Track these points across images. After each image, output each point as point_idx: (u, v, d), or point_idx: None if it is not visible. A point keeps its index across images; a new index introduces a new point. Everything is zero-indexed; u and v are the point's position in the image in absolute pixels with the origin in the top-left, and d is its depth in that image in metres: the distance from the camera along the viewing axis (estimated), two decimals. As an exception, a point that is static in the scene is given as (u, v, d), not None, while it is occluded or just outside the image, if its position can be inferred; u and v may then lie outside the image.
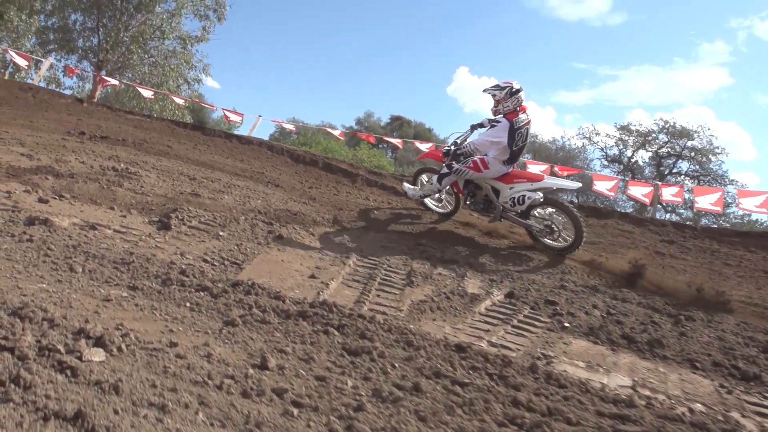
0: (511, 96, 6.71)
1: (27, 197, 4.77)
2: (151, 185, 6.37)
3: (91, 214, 4.83)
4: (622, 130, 32.97)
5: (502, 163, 6.75)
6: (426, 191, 7.31)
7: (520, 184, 6.73)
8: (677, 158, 32.33)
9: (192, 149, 9.23)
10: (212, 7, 21.80)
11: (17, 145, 6.70)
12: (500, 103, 6.77)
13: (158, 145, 8.65)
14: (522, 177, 6.84)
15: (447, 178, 6.96)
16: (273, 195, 7.41)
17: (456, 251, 6.36)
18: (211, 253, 4.47)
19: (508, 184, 6.79)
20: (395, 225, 7.23)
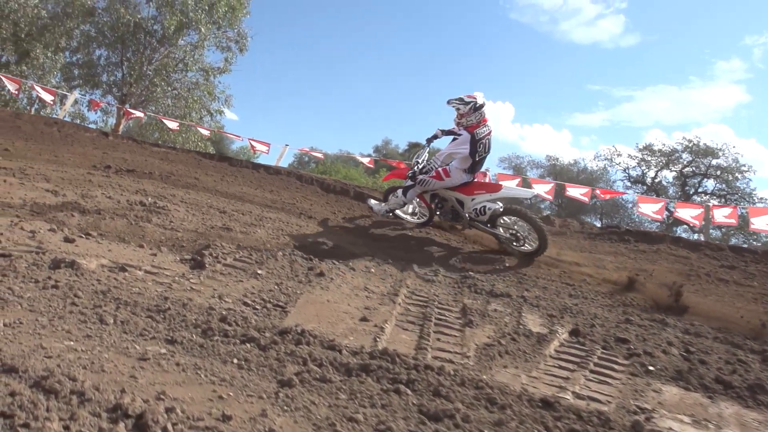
0: (475, 111, 6.87)
1: (52, 237, 4.43)
2: (180, 220, 6.03)
3: (119, 253, 4.47)
4: (644, 150, 32.35)
5: (463, 171, 6.97)
6: (392, 205, 7.42)
7: (480, 196, 7.08)
8: (703, 177, 31.64)
9: (220, 181, 8.92)
10: (234, 39, 21.92)
11: (42, 181, 6.42)
12: (464, 117, 6.93)
13: (185, 178, 8.35)
14: (482, 188, 7.15)
15: (411, 190, 7.13)
16: (306, 227, 7.03)
17: (505, 282, 5.94)
18: (251, 294, 4.06)
19: (470, 196, 7.11)
20: (437, 255, 6.83)
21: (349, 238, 6.95)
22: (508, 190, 7.34)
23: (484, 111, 6.93)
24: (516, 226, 7.06)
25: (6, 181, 5.98)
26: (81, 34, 21.77)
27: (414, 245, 7.11)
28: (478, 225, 7.22)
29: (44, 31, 20.39)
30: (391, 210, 7.48)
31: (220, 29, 21.30)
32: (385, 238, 7.27)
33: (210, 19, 20.35)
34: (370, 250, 6.51)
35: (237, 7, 21.07)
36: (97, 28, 21.32)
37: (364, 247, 6.56)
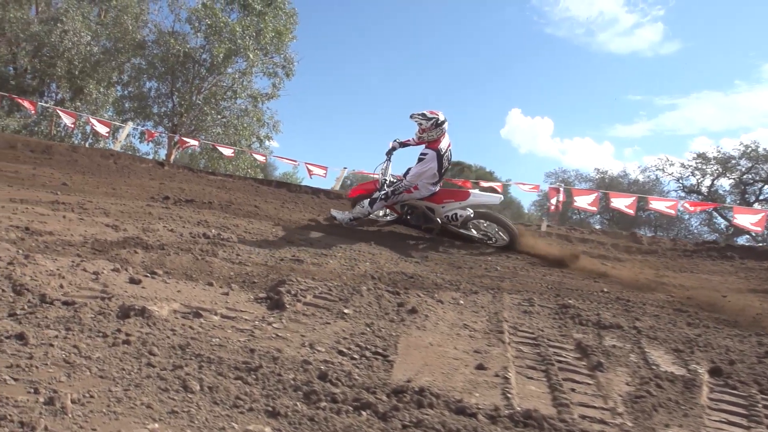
0: (437, 127, 7.23)
1: (116, 278, 3.96)
2: (247, 252, 5.54)
3: (190, 294, 3.96)
4: (699, 158, 30.84)
5: (431, 184, 7.40)
6: (356, 214, 7.63)
7: (449, 204, 7.54)
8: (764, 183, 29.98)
9: (280, 208, 8.49)
10: (281, 64, 21.84)
11: (102, 215, 6.05)
12: (425, 132, 7.28)
13: (246, 206, 7.93)
14: (450, 196, 7.61)
15: (378, 202, 7.43)
16: (380, 255, 6.46)
17: (609, 311, 5.31)
18: (344, 340, 3.48)
19: (440, 204, 7.55)
20: (526, 280, 6.20)
21: (428, 265, 6.37)
22: (476, 197, 7.67)
23: (445, 127, 7.31)
24: (485, 226, 7.67)
25: (66, 216, 5.62)
26: (131, 67, 22.10)
27: (502, 271, 6.47)
28: (451, 228, 7.67)
29: (97, 67, 20.76)
30: (356, 218, 7.67)
31: (267, 55, 21.28)
32: (465, 264, 6.64)
33: (257, 45, 20.34)
34: (453, 278, 5.92)
35: (283, 32, 21.04)
36: (147, 61, 21.61)
37: (445, 275, 5.97)
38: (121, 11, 21.45)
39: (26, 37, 20.78)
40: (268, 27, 20.26)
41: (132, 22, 21.40)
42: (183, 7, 21.58)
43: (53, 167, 8.48)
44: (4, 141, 8.71)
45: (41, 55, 20.71)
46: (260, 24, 20.24)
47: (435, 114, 7.31)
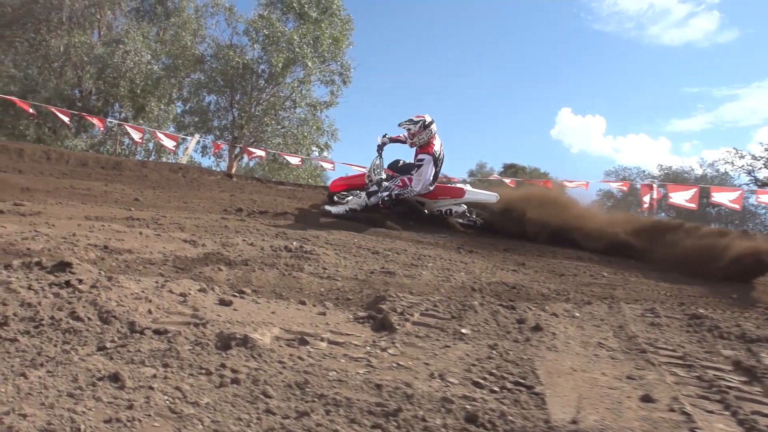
0: (425, 129, 7.39)
1: (205, 299, 3.55)
2: (333, 265, 5.08)
3: (285, 315, 3.52)
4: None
5: (429, 185, 7.57)
6: (353, 205, 7.57)
7: (443, 200, 7.75)
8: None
9: (353, 215, 8.03)
10: (338, 71, 21.60)
11: (177, 230, 5.73)
12: (415, 136, 7.45)
13: (321, 216, 7.51)
14: (445, 194, 7.81)
15: (376, 195, 7.48)
16: (473, 264, 5.90)
17: (748, 320, 4.67)
18: (474, 368, 2.94)
19: (433, 200, 7.77)
20: (638, 287, 5.62)
21: (527, 273, 5.79)
22: (472, 195, 7.81)
23: (433, 128, 7.45)
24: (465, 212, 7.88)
25: (142, 233, 5.31)
26: (191, 83, 22.32)
27: (609, 279, 5.81)
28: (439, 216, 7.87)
29: (157, 85, 21.05)
30: (352, 210, 7.55)
31: (324, 62, 21.06)
32: (567, 271, 6.02)
33: (315, 53, 20.14)
34: (558, 287, 5.33)
35: (340, 38, 20.79)
36: (207, 75, 21.77)
37: (549, 284, 5.39)
38: (179, 28, 21.72)
39: (90, 60, 21.25)
40: (324, 34, 20.06)
41: (190, 38, 21.62)
42: (240, 19, 21.68)
43: (124, 183, 8.31)
44: (75, 159, 8.62)
45: (105, 76, 21.12)
46: (317, 31, 20.06)
47: (421, 117, 7.45)
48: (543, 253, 6.90)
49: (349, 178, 8.48)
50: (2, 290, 3.08)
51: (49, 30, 23.12)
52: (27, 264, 3.47)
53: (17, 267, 3.43)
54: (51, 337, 2.56)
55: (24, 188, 7.19)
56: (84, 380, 2.13)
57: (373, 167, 7.72)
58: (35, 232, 4.70)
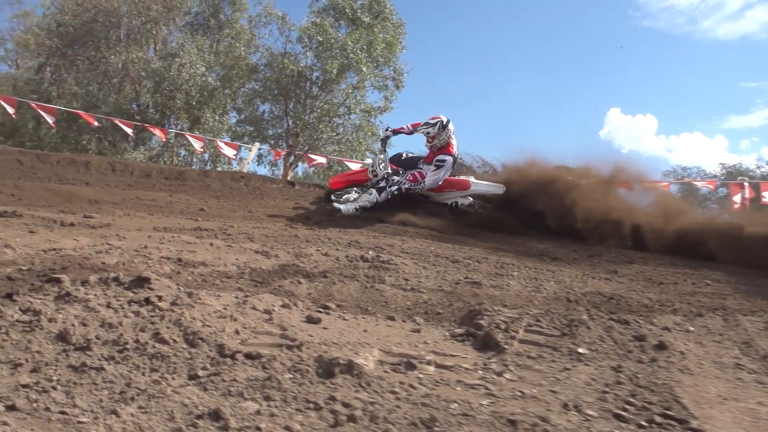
0: (443, 129, 7.35)
1: (290, 316, 3.26)
2: (415, 276, 4.74)
3: (379, 334, 3.18)
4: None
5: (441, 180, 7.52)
6: (363, 202, 7.41)
7: (449, 192, 7.71)
8: None
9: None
10: (391, 76, 21.37)
11: (247, 241, 5.50)
12: (435, 138, 7.41)
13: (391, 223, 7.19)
14: (452, 186, 7.70)
15: (387, 191, 7.40)
16: (561, 272, 5.46)
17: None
18: (608, 395, 2.55)
19: (439, 193, 7.71)
20: (752, 297, 5.06)
21: (621, 282, 5.34)
22: (478, 187, 7.77)
23: (450, 128, 7.40)
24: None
25: (213, 244, 5.09)
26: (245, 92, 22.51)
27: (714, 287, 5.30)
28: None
29: (212, 96, 21.29)
30: (362, 207, 7.41)
31: (378, 67, 20.86)
32: (665, 279, 5.52)
33: (369, 57, 19.96)
34: (659, 296, 4.86)
35: (393, 42, 20.57)
36: (261, 84, 21.92)
37: (649, 294, 4.92)
38: (233, 39, 21.96)
39: (147, 74, 21.71)
40: (377, 39, 19.86)
41: (244, 48, 21.83)
42: (292, 28, 21.75)
43: (188, 193, 8.20)
44: (139, 170, 8.60)
45: (161, 89, 21.52)
46: (370, 36, 19.88)
47: (437, 118, 7.41)
48: (632, 259, 6.39)
49: (349, 175, 8.34)
50: (81, 309, 2.86)
51: (108, 47, 23.81)
52: (104, 280, 3.26)
53: (94, 283, 3.21)
54: (138, 363, 2.29)
55: (92, 200, 7.14)
56: (182, 418, 1.84)
57: (379, 162, 7.60)
58: (108, 245, 4.53)
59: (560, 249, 6.81)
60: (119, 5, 23.52)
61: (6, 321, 2.57)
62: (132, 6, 23.52)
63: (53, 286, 3.10)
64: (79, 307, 2.88)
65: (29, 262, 3.76)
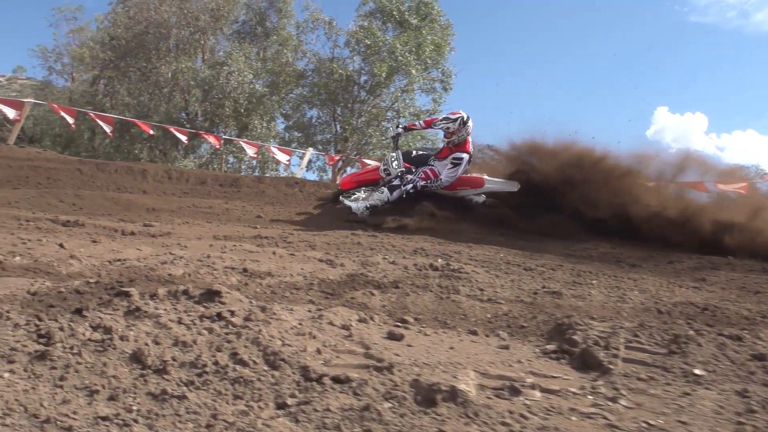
0: (464, 126, 7.16)
1: (370, 331, 3.02)
2: (490, 285, 4.44)
3: (466, 351, 2.92)
4: None
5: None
6: (374, 201, 7.25)
7: (463, 190, 7.53)
8: None
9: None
10: (439, 79, 21.08)
11: (309, 249, 5.31)
12: (454, 134, 7.21)
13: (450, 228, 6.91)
14: (465, 184, 7.53)
15: (399, 189, 7.22)
16: (643, 280, 5.08)
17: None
18: (748, 427, 2.20)
19: (452, 191, 7.50)
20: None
21: (712, 290, 4.93)
22: (492, 185, 7.59)
23: (470, 125, 7.20)
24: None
25: (275, 253, 4.91)
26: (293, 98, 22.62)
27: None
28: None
29: (260, 103, 21.44)
30: (373, 206, 7.27)
31: (426, 70, 20.60)
32: (762, 287, 5.04)
33: (418, 59, 19.72)
34: (758, 307, 4.40)
35: (442, 44, 20.29)
36: (309, 90, 21.97)
37: (746, 304, 4.51)
38: (281, 45, 22.09)
39: (197, 83, 22.04)
40: (426, 41, 19.60)
41: (291, 54, 21.92)
42: (339, 32, 21.74)
43: (243, 200, 8.11)
44: (195, 177, 8.57)
45: (210, 98, 21.81)
46: (418, 38, 19.65)
47: (457, 113, 7.23)
48: (717, 265, 5.94)
49: (360, 174, 8.13)
50: (152, 325, 2.68)
51: (158, 58, 24.31)
52: (173, 293, 3.08)
53: (163, 297, 3.04)
54: (220, 389, 2.08)
55: (150, 208, 7.11)
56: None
57: (392, 160, 7.47)
58: (171, 254, 4.40)
59: (633, 253, 6.41)
60: (169, 17, 23.99)
61: (78, 339, 2.41)
62: (181, 17, 23.96)
63: (122, 300, 2.94)
64: (149, 323, 2.71)
65: (96, 274, 3.64)
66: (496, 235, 6.80)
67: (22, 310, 2.82)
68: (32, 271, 3.62)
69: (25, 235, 4.96)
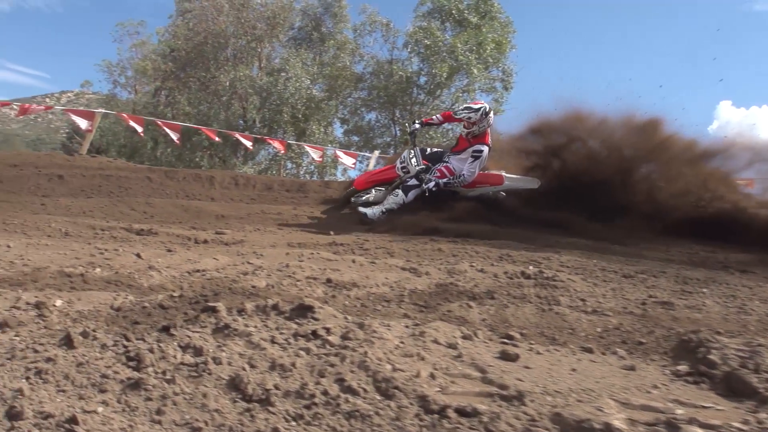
0: (485, 116, 6.93)
1: (478, 350, 2.71)
2: (590, 295, 4.05)
3: (591, 374, 2.57)
4: None
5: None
6: (389, 205, 7.01)
7: (482, 188, 7.27)
8: None
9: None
10: (499, 78, 20.55)
11: (388, 256, 5.05)
12: (475, 124, 6.96)
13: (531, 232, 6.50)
14: (484, 181, 7.27)
15: (415, 189, 7.02)
16: (760, 287, 4.60)
17: None
18: None
19: (470, 189, 7.23)
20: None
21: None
22: (512, 182, 7.29)
23: (491, 117, 7.00)
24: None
25: (355, 261, 4.66)
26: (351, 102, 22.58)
27: None
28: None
29: (318, 108, 21.47)
30: (389, 210, 7.03)
31: (487, 68, 20.10)
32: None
33: (479, 58, 19.26)
34: None
35: (503, 42, 19.76)
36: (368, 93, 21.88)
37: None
38: (338, 49, 22.08)
39: (255, 90, 22.28)
40: (486, 39, 19.12)
41: (348, 58, 21.88)
42: (397, 34, 21.54)
43: (311, 206, 7.94)
44: (261, 183, 8.48)
45: (269, 104, 22.00)
46: (478, 37, 19.19)
47: (480, 104, 7.05)
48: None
49: (376, 174, 7.81)
50: (244, 345, 2.45)
51: (217, 67, 24.73)
52: (262, 308, 2.85)
53: (252, 312, 2.81)
54: (334, 425, 1.81)
55: (219, 215, 7.02)
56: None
57: (410, 157, 7.21)
58: (249, 264, 4.20)
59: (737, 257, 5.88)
60: (226, 27, 24.39)
61: (170, 363, 2.19)
62: (238, 26, 24.32)
63: (209, 316, 2.73)
64: (241, 342, 2.48)
65: (178, 287, 3.46)
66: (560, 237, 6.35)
67: (108, 327, 2.64)
68: (114, 283, 3.47)
69: (102, 244, 4.88)
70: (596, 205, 6.71)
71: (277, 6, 24.15)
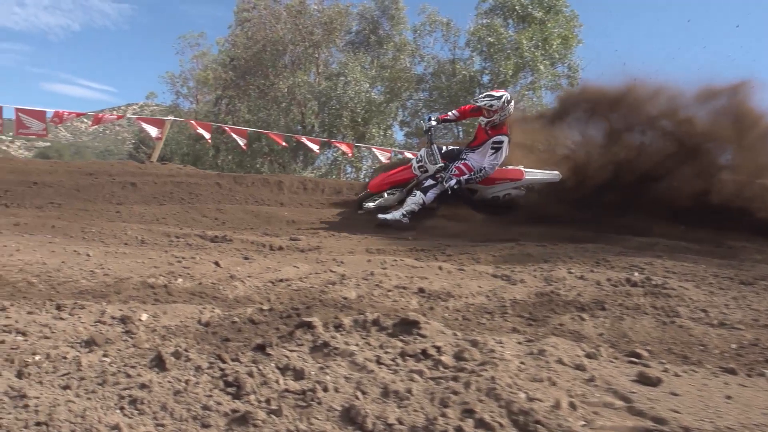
0: (507, 105, 6.66)
1: (608, 371, 2.38)
2: (711, 305, 3.67)
3: (751, 402, 2.19)
4: None
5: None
6: (409, 207, 6.76)
7: (502, 184, 7.05)
8: None
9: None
10: (564, 74, 19.80)
11: (474, 262, 4.74)
12: (497, 113, 6.67)
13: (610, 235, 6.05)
14: (504, 177, 7.03)
15: (434, 189, 6.80)
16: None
17: None
18: None
19: (489, 186, 7.03)
20: None
21: None
22: (532, 176, 7.04)
23: (512, 106, 6.74)
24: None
25: (441, 268, 4.35)
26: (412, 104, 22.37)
27: None
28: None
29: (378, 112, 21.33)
30: (411, 212, 6.73)
31: (553, 65, 19.41)
32: None
33: (545, 54, 18.62)
34: None
35: (569, 36, 19.03)
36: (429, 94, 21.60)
37: None
38: (398, 51, 21.88)
39: (313, 95, 22.35)
40: (552, 34, 18.46)
41: (408, 60, 21.66)
42: (458, 33, 21.16)
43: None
44: (329, 187, 8.34)
45: (328, 109, 22.03)
46: (544, 32, 18.56)
47: (501, 92, 6.79)
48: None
49: (391, 175, 7.35)
50: (348, 367, 2.19)
51: (275, 74, 24.97)
52: (361, 323, 2.59)
53: (350, 327, 2.56)
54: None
55: (290, 221, 6.86)
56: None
57: (428, 155, 6.92)
58: (331, 272, 3.97)
59: None
60: (284, 34, 24.60)
61: (273, 390, 1.96)
62: (296, 33, 24.49)
63: (305, 332, 2.49)
64: (344, 363, 2.23)
65: (265, 299, 3.25)
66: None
67: (199, 346, 2.44)
68: (198, 295, 3.30)
69: (178, 252, 4.76)
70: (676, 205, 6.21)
71: (333, 11, 24.22)
